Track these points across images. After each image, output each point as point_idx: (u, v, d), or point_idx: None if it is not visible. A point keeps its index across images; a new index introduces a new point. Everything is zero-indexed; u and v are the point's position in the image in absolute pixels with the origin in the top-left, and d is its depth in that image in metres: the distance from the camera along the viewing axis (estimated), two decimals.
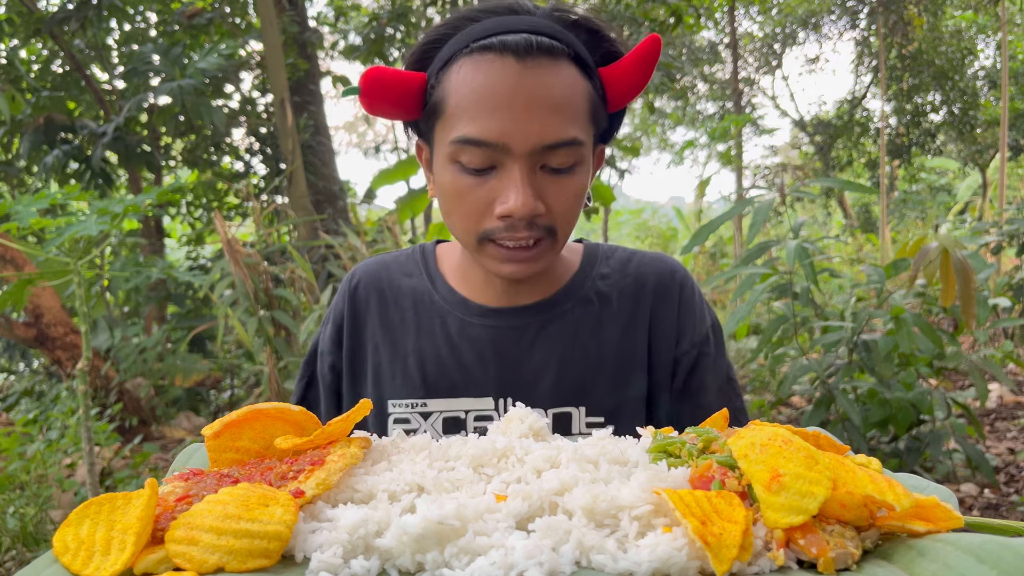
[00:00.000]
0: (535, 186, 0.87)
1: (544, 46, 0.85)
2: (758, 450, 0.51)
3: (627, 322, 1.02)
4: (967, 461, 3.06)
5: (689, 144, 12.72)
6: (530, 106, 0.84)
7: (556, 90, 0.85)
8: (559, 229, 0.90)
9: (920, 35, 11.12)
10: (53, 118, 5.36)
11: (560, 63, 0.86)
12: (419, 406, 1.01)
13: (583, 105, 0.88)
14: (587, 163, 0.91)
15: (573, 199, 0.90)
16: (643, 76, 0.91)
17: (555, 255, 0.93)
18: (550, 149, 0.85)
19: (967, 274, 2.62)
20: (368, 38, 5.94)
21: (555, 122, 0.85)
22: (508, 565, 0.46)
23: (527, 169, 0.86)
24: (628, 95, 0.92)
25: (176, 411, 4.73)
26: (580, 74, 0.88)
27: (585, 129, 0.88)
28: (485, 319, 1.01)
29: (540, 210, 0.87)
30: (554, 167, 0.87)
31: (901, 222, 13.29)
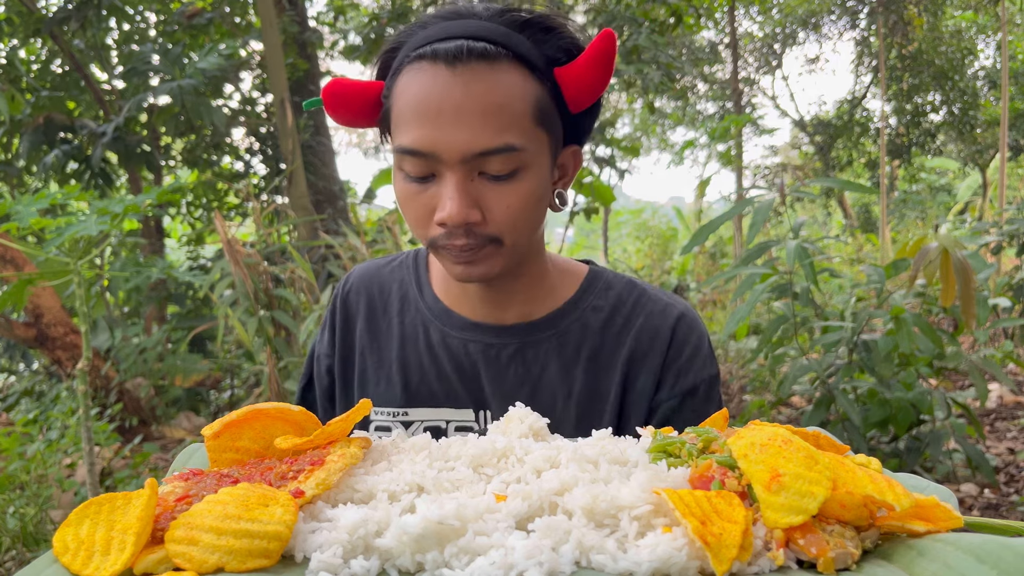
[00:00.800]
0: (471, 194, 0.86)
1: (477, 51, 0.84)
2: (758, 450, 0.52)
3: (605, 361, 0.99)
4: (967, 461, 3.07)
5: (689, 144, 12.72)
6: (459, 114, 0.83)
7: (488, 96, 0.83)
8: (504, 237, 0.88)
9: (920, 35, 11.13)
10: (53, 118, 5.36)
11: (498, 67, 0.84)
12: (400, 415, 1.02)
13: (524, 109, 0.85)
14: (534, 168, 0.88)
15: (517, 206, 0.87)
16: (600, 73, 0.88)
17: (509, 260, 0.91)
18: (483, 156, 0.84)
19: (967, 274, 2.62)
20: (368, 38, 5.94)
21: (486, 129, 0.83)
22: (508, 565, 0.46)
23: (461, 177, 0.85)
24: (587, 94, 0.90)
25: (176, 411, 4.73)
26: (526, 77, 0.86)
27: (527, 133, 0.86)
28: (464, 332, 1.01)
29: (474, 218, 0.86)
30: (492, 174, 0.86)
31: (901, 222, 13.29)
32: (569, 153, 0.96)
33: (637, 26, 5.36)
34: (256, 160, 6.65)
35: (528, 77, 0.86)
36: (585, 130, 0.96)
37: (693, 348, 1.00)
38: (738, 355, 5.84)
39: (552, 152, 0.91)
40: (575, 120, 0.93)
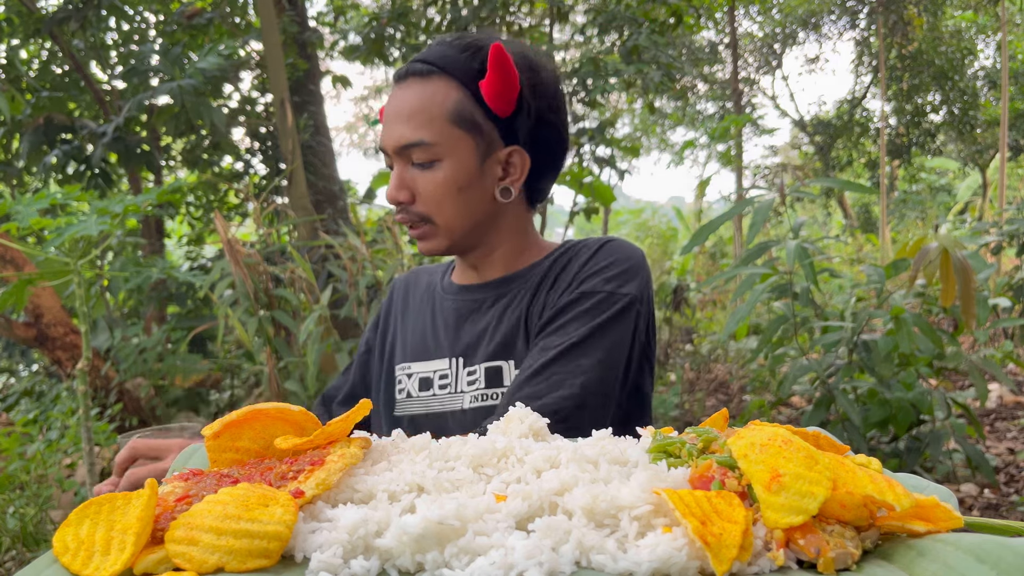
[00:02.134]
0: (405, 179, 1.09)
1: (415, 70, 1.09)
2: (758, 450, 0.52)
3: (549, 287, 1.14)
4: (967, 461, 3.06)
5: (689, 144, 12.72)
6: (394, 116, 1.08)
7: (413, 102, 1.07)
8: (433, 216, 1.10)
9: (920, 35, 11.13)
10: (53, 118, 5.35)
11: (429, 81, 1.07)
12: (406, 368, 1.22)
13: (441, 112, 1.06)
14: (451, 160, 1.07)
15: (437, 189, 1.08)
16: (499, 81, 1.05)
17: (443, 239, 1.12)
18: (406, 148, 1.07)
19: (967, 274, 2.62)
20: (368, 38, 5.94)
21: (407, 127, 1.07)
22: (508, 565, 0.46)
23: (399, 166, 1.09)
24: (497, 100, 1.07)
25: (176, 411, 4.72)
26: (453, 88, 1.07)
27: (442, 132, 1.06)
28: (456, 295, 1.22)
29: (403, 197, 1.09)
30: (415, 163, 1.08)
31: (901, 222, 13.29)
32: (509, 152, 1.12)
33: (637, 26, 5.35)
34: (256, 160, 6.64)
35: (454, 88, 1.07)
36: (523, 132, 1.11)
37: (611, 261, 1.11)
38: (738, 355, 5.84)
39: (480, 152, 1.09)
40: (508, 123, 1.10)
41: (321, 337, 3.06)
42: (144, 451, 0.96)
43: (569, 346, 1.03)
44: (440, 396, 1.16)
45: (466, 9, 5.55)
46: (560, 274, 1.13)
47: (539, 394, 1.00)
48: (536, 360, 1.04)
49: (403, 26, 5.82)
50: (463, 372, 1.14)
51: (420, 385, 1.18)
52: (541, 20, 6.36)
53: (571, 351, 1.03)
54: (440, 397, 1.16)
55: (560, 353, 1.03)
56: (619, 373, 1.07)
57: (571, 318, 1.06)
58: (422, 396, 1.18)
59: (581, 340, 1.04)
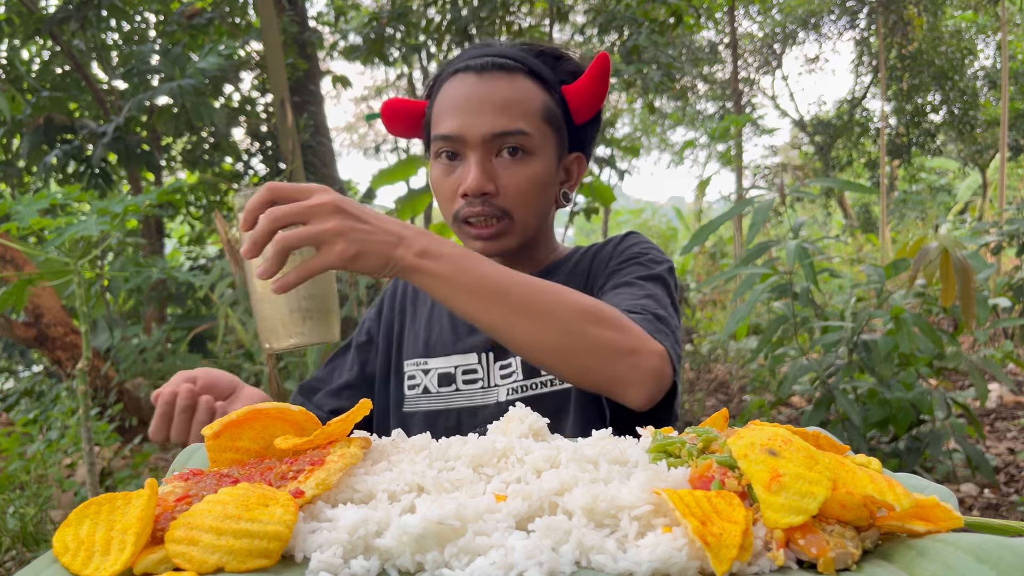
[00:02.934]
0: (489, 170, 1.06)
1: (499, 64, 1.07)
2: (758, 450, 0.51)
3: (581, 278, 1.15)
4: (967, 461, 3.06)
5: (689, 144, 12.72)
6: (482, 105, 1.05)
7: (505, 93, 1.06)
8: (514, 211, 1.07)
9: (920, 35, 11.13)
10: (53, 118, 5.35)
11: (515, 76, 1.07)
12: (421, 364, 1.18)
13: (535, 107, 1.07)
14: (541, 156, 1.07)
15: (525, 183, 1.06)
16: (598, 89, 1.09)
17: (517, 236, 1.09)
18: (499, 137, 1.05)
19: (967, 274, 2.62)
20: (368, 38, 5.94)
21: (502, 116, 1.05)
22: (508, 565, 0.46)
23: (481, 156, 1.05)
24: (587, 107, 1.10)
25: None
26: (537, 87, 1.08)
27: (536, 126, 1.06)
28: None
29: (489, 188, 1.05)
30: (507, 155, 1.06)
31: (901, 222, 13.29)
32: (573, 159, 1.15)
33: (637, 26, 5.35)
34: (256, 160, 6.64)
35: (539, 88, 1.08)
36: (587, 141, 1.16)
37: (640, 241, 1.15)
38: (738, 355, 5.84)
39: (558, 152, 1.11)
40: (579, 131, 1.13)
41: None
42: (287, 193, 0.81)
43: (643, 283, 1.06)
44: (466, 391, 1.15)
45: (466, 9, 5.55)
46: (593, 261, 1.15)
47: (650, 307, 1.00)
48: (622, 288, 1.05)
49: (403, 26, 5.82)
50: (495, 366, 1.13)
51: (440, 381, 1.16)
52: (541, 20, 6.36)
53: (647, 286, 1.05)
54: (466, 392, 1.14)
55: (637, 290, 1.04)
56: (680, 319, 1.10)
57: (632, 269, 1.09)
58: (443, 392, 1.16)
59: (648, 282, 1.06)
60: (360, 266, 0.82)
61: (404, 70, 6.90)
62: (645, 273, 1.08)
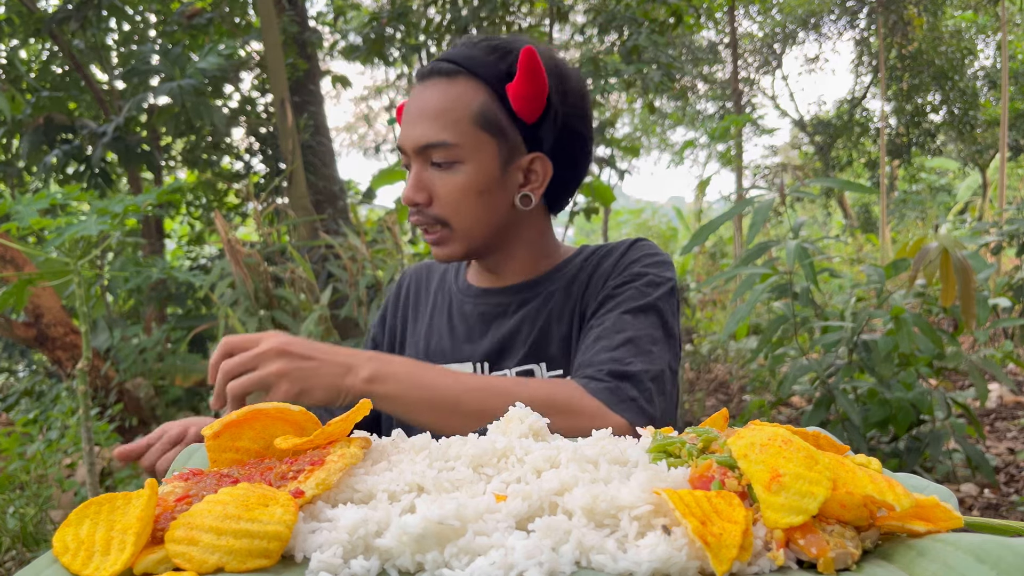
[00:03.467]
0: (423, 180, 1.07)
1: (439, 69, 1.06)
2: (758, 450, 0.51)
3: (579, 290, 1.14)
4: (967, 461, 3.06)
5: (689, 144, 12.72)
6: (417, 115, 1.06)
7: (438, 101, 1.04)
8: (449, 220, 1.07)
9: (920, 35, 11.13)
10: (53, 118, 5.35)
11: (455, 80, 1.05)
12: None
13: (466, 114, 1.04)
14: (472, 163, 1.05)
15: (455, 192, 1.06)
16: (530, 87, 1.03)
17: (460, 244, 1.09)
18: (427, 148, 1.05)
19: (967, 274, 2.62)
20: (368, 38, 5.93)
21: (430, 127, 1.04)
22: (508, 565, 0.46)
23: (418, 167, 1.07)
24: (526, 106, 1.05)
25: (176, 411, 4.72)
26: (478, 89, 1.05)
27: (465, 134, 1.04)
28: (477, 298, 1.19)
29: (419, 199, 1.07)
30: (435, 164, 1.06)
31: (901, 222, 13.29)
32: (531, 160, 1.10)
33: (637, 26, 5.35)
34: (256, 160, 6.64)
35: (480, 90, 1.05)
36: (547, 140, 1.10)
37: (645, 253, 1.13)
38: (738, 355, 5.84)
39: (503, 157, 1.07)
40: (533, 130, 1.08)
41: (321, 337, 3.06)
42: (239, 344, 0.93)
43: (632, 317, 1.04)
44: None
45: (466, 9, 5.55)
46: (593, 274, 1.13)
47: (623, 358, 0.99)
48: (604, 334, 1.03)
49: (403, 26, 5.82)
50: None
51: None
52: (541, 20, 6.35)
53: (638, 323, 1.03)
54: None
55: (628, 325, 1.03)
56: (678, 350, 1.08)
57: (627, 296, 1.06)
58: None
59: (640, 314, 1.04)
60: (308, 401, 0.89)
61: (404, 70, 6.90)
62: (635, 305, 1.06)
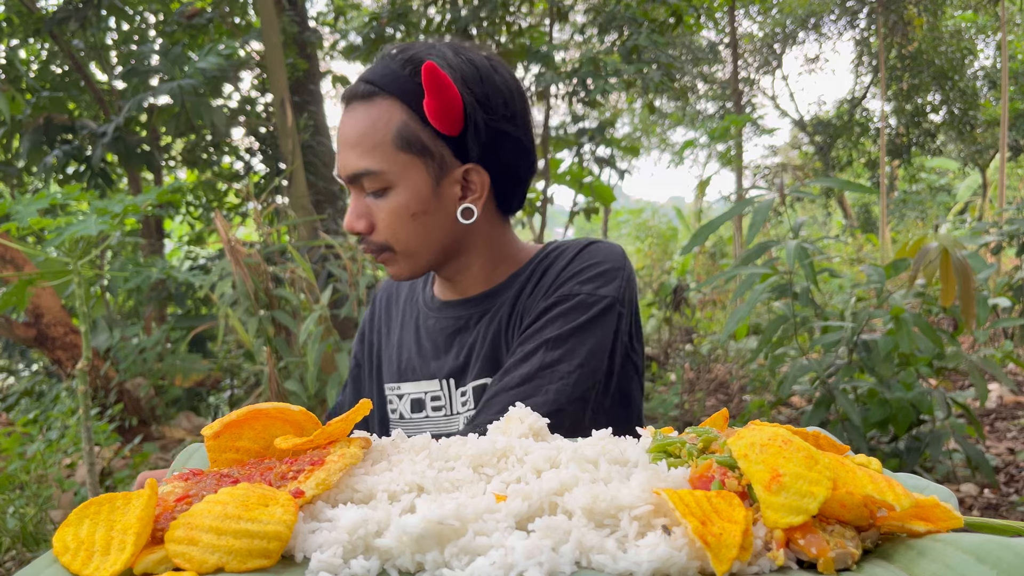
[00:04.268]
0: (360, 208, 1.04)
1: (359, 92, 1.02)
2: (758, 450, 0.51)
3: (529, 294, 1.09)
4: (967, 461, 3.06)
5: (689, 144, 12.72)
6: (344, 143, 1.03)
7: (358, 127, 1.01)
8: (392, 244, 1.04)
9: (920, 35, 11.13)
10: (53, 118, 5.36)
11: (373, 102, 1.01)
12: (395, 389, 1.18)
13: (384, 137, 1.00)
14: (402, 185, 1.01)
15: (391, 217, 1.02)
16: (438, 101, 0.98)
17: (406, 265, 1.06)
18: (356, 177, 1.02)
19: (967, 274, 2.62)
20: (368, 38, 5.94)
21: (352, 156, 1.01)
22: (508, 565, 0.46)
23: (354, 195, 1.05)
24: (440, 120, 1.00)
25: (176, 411, 4.72)
26: (397, 108, 1.00)
27: (387, 157, 1.00)
28: (439, 311, 1.16)
29: (359, 227, 1.04)
30: (368, 192, 1.03)
31: (901, 222, 13.29)
32: (466, 170, 1.05)
33: (637, 26, 5.35)
34: (256, 160, 6.64)
35: (398, 109, 1.01)
36: (477, 150, 1.04)
37: (589, 264, 1.06)
38: (738, 355, 5.84)
39: (433, 174, 1.03)
40: (459, 142, 1.03)
41: (321, 337, 3.06)
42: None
43: (545, 351, 0.99)
44: (434, 418, 1.13)
45: (466, 9, 5.55)
46: (540, 280, 1.08)
47: (512, 402, 0.97)
48: (511, 367, 1.00)
49: (403, 26, 5.82)
50: (456, 394, 1.11)
51: (412, 407, 1.15)
52: (541, 20, 6.36)
53: (548, 356, 0.99)
54: (434, 419, 1.13)
55: (537, 359, 0.99)
56: (600, 377, 1.03)
57: (548, 321, 1.02)
58: (415, 418, 1.15)
59: (558, 344, 1.00)
60: None
61: None
62: (552, 335, 1.00)
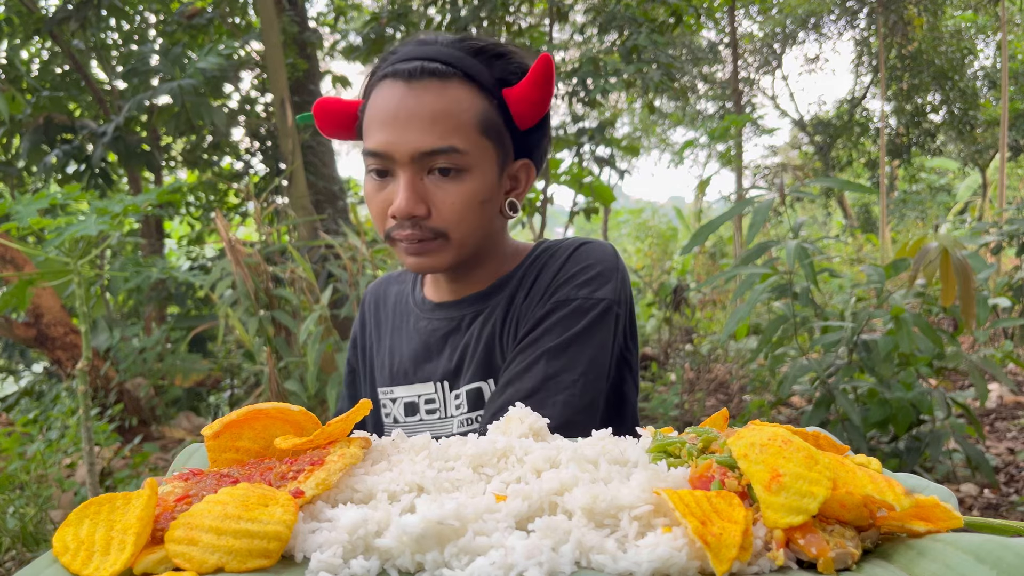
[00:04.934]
0: (420, 190, 0.98)
1: (430, 70, 0.97)
2: (758, 450, 0.51)
3: (519, 301, 1.08)
4: (967, 461, 3.06)
5: (689, 144, 12.72)
6: (410, 119, 0.96)
7: (436, 105, 0.96)
8: (449, 232, 1.00)
9: (920, 35, 11.13)
10: (53, 118, 5.36)
11: (448, 84, 0.97)
12: (389, 393, 1.16)
13: (469, 119, 0.98)
14: (477, 171, 0.99)
15: (459, 203, 0.99)
16: (539, 94, 0.99)
17: (452, 255, 1.02)
18: (429, 155, 0.97)
19: (967, 274, 2.62)
20: (368, 38, 5.94)
21: (431, 132, 0.96)
22: (508, 565, 0.46)
23: (410, 175, 0.98)
24: (530, 112, 1.01)
25: (176, 411, 4.72)
26: (475, 94, 0.99)
27: (471, 140, 0.98)
28: (432, 313, 1.14)
29: (419, 211, 0.98)
30: (439, 173, 0.98)
31: (901, 222, 13.29)
32: (520, 166, 1.06)
33: (637, 26, 5.35)
34: (256, 160, 6.64)
35: (476, 94, 0.99)
36: (534, 146, 1.07)
37: (583, 266, 1.05)
38: (738, 355, 5.84)
39: (500, 163, 1.02)
40: (524, 136, 1.04)
41: (321, 337, 3.06)
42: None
43: (547, 362, 0.98)
44: (428, 421, 1.12)
45: (466, 9, 5.55)
46: (534, 282, 1.07)
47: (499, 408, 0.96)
48: (514, 378, 0.99)
49: (403, 26, 5.82)
50: (450, 396, 1.10)
51: (406, 410, 1.14)
52: (541, 20, 6.36)
53: (550, 367, 0.98)
54: (428, 422, 1.12)
55: (539, 370, 0.98)
56: (604, 383, 1.02)
57: (546, 329, 1.01)
58: (409, 422, 1.13)
59: (559, 354, 0.99)
60: None
61: None
62: (554, 343, 0.99)
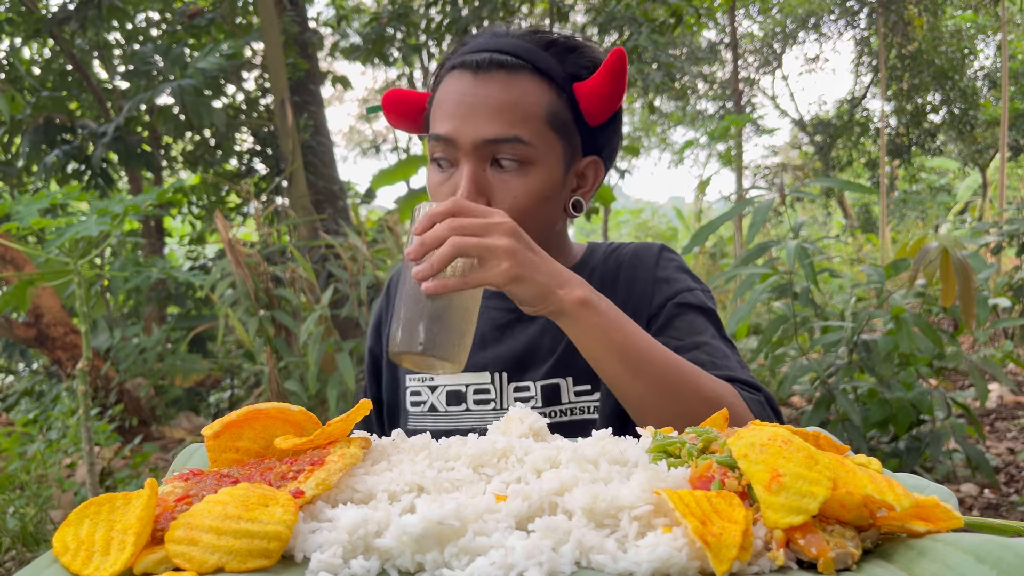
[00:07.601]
0: (481, 181, 0.97)
1: (499, 62, 0.97)
2: (758, 450, 0.51)
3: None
4: (967, 461, 3.06)
5: (689, 144, 12.72)
6: (476, 108, 0.96)
7: (503, 95, 0.96)
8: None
9: (920, 35, 11.13)
10: (53, 118, 5.36)
11: (517, 76, 0.97)
12: (428, 380, 1.11)
13: (537, 112, 0.96)
14: (543, 166, 0.98)
15: (523, 197, 0.97)
16: (613, 88, 0.98)
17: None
18: (492, 144, 0.95)
19: (967, 274, 2.62)
20: (368, 38, 5.94)
21: (497, 121, 0.95)
22: (508, 565, 0.46)
23: (473, 165, 0.96)
24: (601, 107, 0.99)
25: (176, 411, 4.73)
26: (544, 88, 0.97)
27: (538, 133, 0.96)
28: (488, 301, 1.08)
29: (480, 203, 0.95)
30: (503, 164, 0.96)
31: (901, 222, 13.29)
32: (588, 163, 1.04)
33: (637, 26, 5.35)
34: (257, 160, 6.64)
35: (546, 88, 0.98)
36: (603, 143, 1.05)
37: (678, 267, 1.08)
38: None
39: (566, 160, 1.01)
40: (593, 132, 1.02)
41: (322, 337, 3.06)
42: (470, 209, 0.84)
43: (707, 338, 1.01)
44: (478, 412, 1.08)
45: (466, 9, 5.56)
46: (618, 281, 1.07)
47: (734, 368, 0.97)
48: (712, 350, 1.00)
49: (403, 26, 5.82)
50: (508, 388, 1.07)
51: (449, 399, 1.09)
52: (541, 20, 6.36)
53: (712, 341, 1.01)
54: (478, 413, 1.08)
55: (718, 348, 1.00)
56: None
57: (690, 322, 1.02)
58: (452, 411, 1.09)
59: (712, 335, 1.02)
60: (519, 290, 0.82)
61: (405, 70, 6.90)
62: (711, 323, 1.03)
